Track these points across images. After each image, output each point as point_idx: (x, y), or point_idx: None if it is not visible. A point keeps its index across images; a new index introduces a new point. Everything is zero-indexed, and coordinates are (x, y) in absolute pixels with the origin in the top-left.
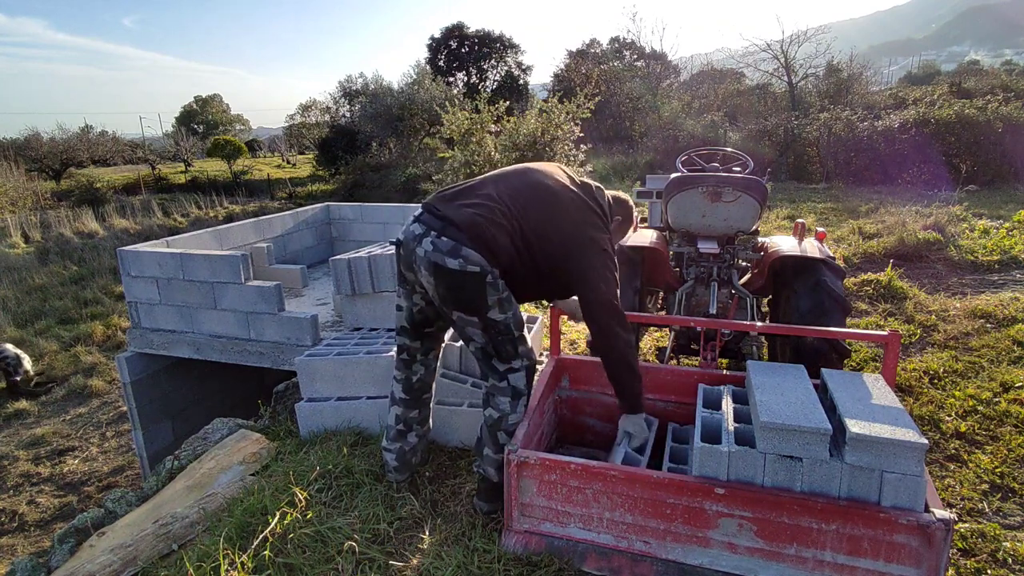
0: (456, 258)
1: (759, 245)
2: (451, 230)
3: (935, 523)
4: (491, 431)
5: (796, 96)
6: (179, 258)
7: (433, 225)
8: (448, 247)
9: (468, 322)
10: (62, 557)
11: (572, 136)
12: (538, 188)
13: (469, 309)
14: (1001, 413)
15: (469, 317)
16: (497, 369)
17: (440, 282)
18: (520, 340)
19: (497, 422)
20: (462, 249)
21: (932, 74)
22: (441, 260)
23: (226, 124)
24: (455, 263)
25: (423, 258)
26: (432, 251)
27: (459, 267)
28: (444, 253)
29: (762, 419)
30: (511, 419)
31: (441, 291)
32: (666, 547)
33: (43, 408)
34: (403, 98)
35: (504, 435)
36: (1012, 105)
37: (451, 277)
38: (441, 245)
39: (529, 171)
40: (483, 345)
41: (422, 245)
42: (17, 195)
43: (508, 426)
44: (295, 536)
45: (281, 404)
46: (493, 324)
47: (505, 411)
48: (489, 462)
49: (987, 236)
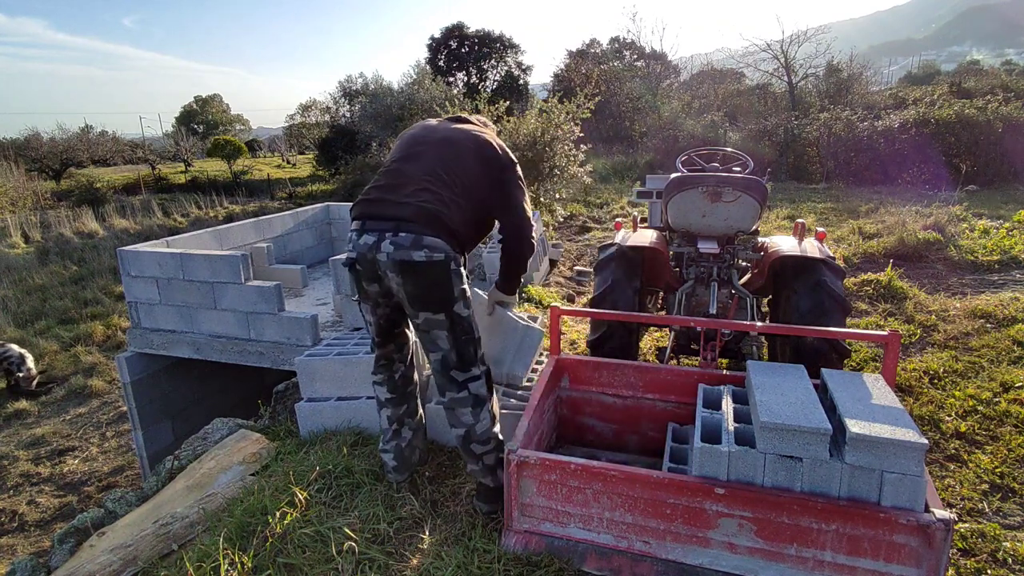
0: (420, 249)
1: (759, 245)
2: (405, 225)
3: (935, 523)
4: (465, 447)
5: (796, 96)
6: (179, 258)
7: (385, 228)
8: (409, 241)
9: (434, 323)
10: (62, 557)
11: (572, 136)
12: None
13: (437, 305)
14: (1001, 413)
15: (436, 316)
16: (456, 380)
17: (408, 279)
18: (479, 343)
19: (466, 438)
20: (424, 239)
21: (932, 74)
22: (407, 256)
23: (226, 124)
24: (420, 255)
25: (387, 262)
26: (394, 251)
27: (425, 258)
28: (408, 248)
29: (762, 419)
30: (478, 429)
31: (409, 289)
32: (666, 547)
33: (43, 408)
34: (403, 98)
35: (479, 445)
36: (1012, 105)
37: (418, 271)
38: (402, 241)
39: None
40: (446, 352)
41: (381, 250)
42: (17, 195)
43: (478, 436)
44: (295, 536)
45: (281, 404)
46: (459, 321)
47: (469, 423)
48: (478, 475)
49: (987, 236)
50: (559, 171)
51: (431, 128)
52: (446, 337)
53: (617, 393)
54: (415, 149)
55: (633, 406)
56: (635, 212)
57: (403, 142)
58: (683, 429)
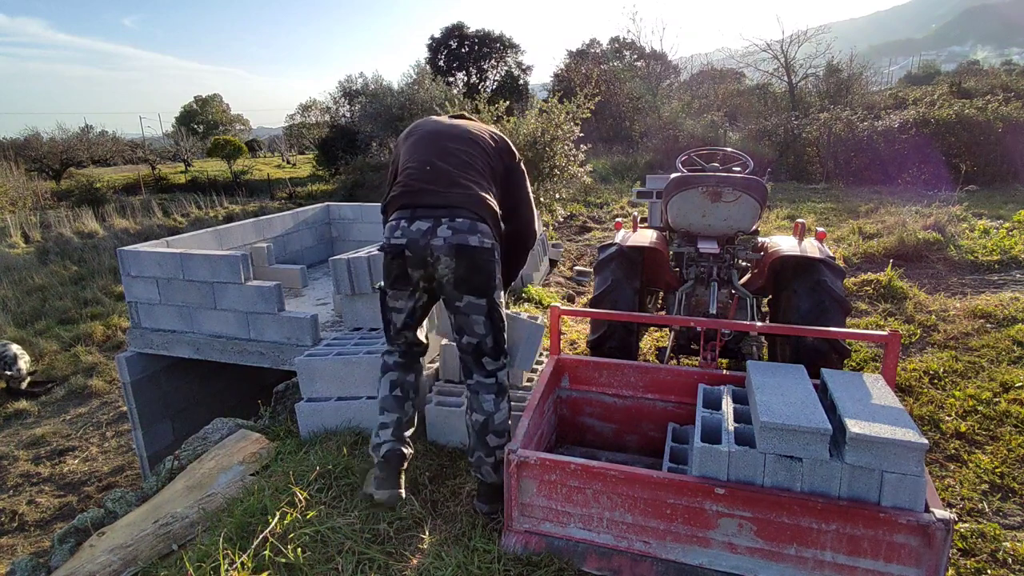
0: (475, 234)
1: (759, 245)
2: (460, 211)
3: (935, 523)
4: (480, 435)
5: (796, 96)
6: (179, 258)
7: (438, 215)
8: (467, 226)
9: (475, 307)
10: (62, 557)
11: (572, 136)
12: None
13: (481, 290)
14: (1001, 413)
15: (478, 300)
16: (486, 367)
17: (462, 263)
18: (505, 334)
19: (484, 425)
20: (478, 225)
21: (932, 74)
22: (464, 240)
23: (226, 124)
24: (475, 240)
25: (443, 246)
26: (452, 235)
27: (479, 243)
28: (465, 232)
29: (762, 419)
30: (497, 419)
31: (461, 272)
32: (666, 547)
33: (43, 408)
34: (403, 98)
35: (494, 437)
36: (1012, 105)
37: (473, 254)
38: (460, 226)
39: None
40: (482, 337)
41: (437, 235)
42: (17, 195)
43: (496, 427)
44: (295, 536)
45: (281, 404)
46: (495, 308)
47: (490, 411)
48: (483, 464)
49: (987, 236)
50: (559, 171)
51: (446, 124)
52: (484, 322)
53: (617, 393)
54: (441, 144)
55: (633, 406)
56: (635, 212)
57: (422, 139)
58: (683, 429)
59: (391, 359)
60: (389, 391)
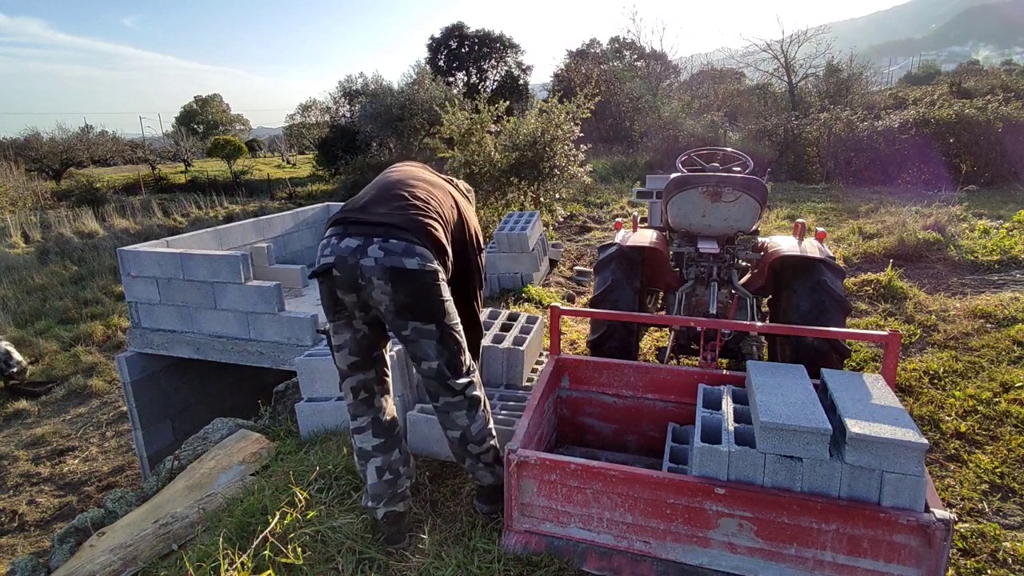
0: (412, 257)
1: (759, 245)
2: (397, 231)
3: (935, 523)
4: (462, 449)
5: (796, 96)
6: (179, 258)
7: (373, 233)
8: (402, 248)
9: (424, 333)
10: (62, 557)
11: (572, 136)
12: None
13: (427, 315)
14: (1001, 413)
15: (426, 326)
16: (452, 388)
17: (399, 288)
18: (465, 350)
19: (462, 439)
20: (415, 248)
21: (932, 74)
22: (399, 263)
23: (226, 124)
24: (413, 263)
25: (374, 267)
26: (384, 256)
27: (418, 266)
28: (400, 255)
29: (762, 419)
30: (473, 430)
31: (400, 298)
32: (666, 547)
33: (43, 408)
34: (403, 98)
35: (475, 446)
36: (1012, 105)
37: (412, 279)
38: (393, 248)
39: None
40: (436, 362)
41: (368, 255)
42: (17, 195)
43: (474, 437)
44: (295, 536)
45: (281, 404)
46: (449, 331)
47: (464, 425)
48: (476, 470)
49: (987, 236)
50: (559, 171)
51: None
52: (435, 347)
53: (617, 393)
54: (396, 176)
55: (633, 406)
56: (635, 212)
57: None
58: (683, 429)
59: (367, 442)
60: (378, 478)
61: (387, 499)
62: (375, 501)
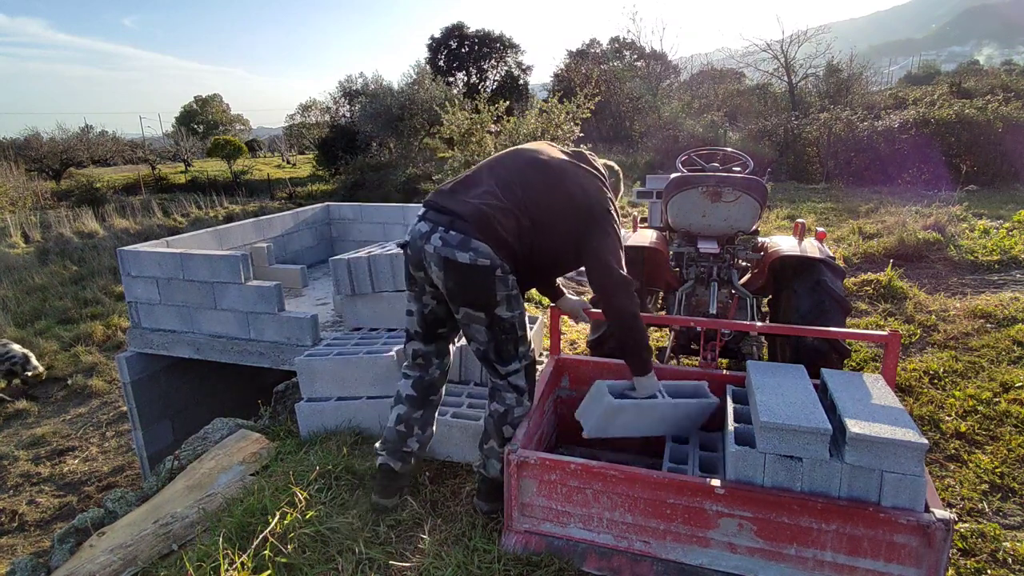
0: (466, 251)
1: (759, 245)
2: (459, 223)
3: (935, 523)
4: (497, 425)
5: (796, 96)
6: (179, 258)
7: (440, 221)
8: (457, 240)
9: (474, 319)
10: (62, 557)
11: (572, 136)
12: (537, 165)
13: (477, 304)
14: (1001, 413)
15: (476, 313)
16: (498, 371)
17: (450, 277)
18: (522, 340)
19: (503, 416)
20: (471, 242)
21: (932, 74)
22: (451, 254)
23: (226, 124)
24: (466, 256)
25: (432, 254)
26: (441, 246)
27: (470, 260)
28: (454, 247)
29: (762, 419)
30: (516, 412)
31: (451, 286)
32: (666, 547)
33: (43, 408)
34: (403, 98)
35: (510, 428)
36: (1012, 105)
37: (461, 271)
38: (450, 239)
39: (521, 151)
40: (484, 346)
41: (430, 242)
42: (17, 195)
43: (514, 419)
44: (295, 536)
45: (281, 404)
46: (499, 321)
47: (511, 404)
48: (494, 455)
49: (987, 236)
50: None
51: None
52: (484, 332)
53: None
54: (504, 160)
55: None
56: (635, 212)
57: (500, 153)
58: None
59: (404, 389)
60: (394, 423)
61: (390, 450)
62: (382, 445)
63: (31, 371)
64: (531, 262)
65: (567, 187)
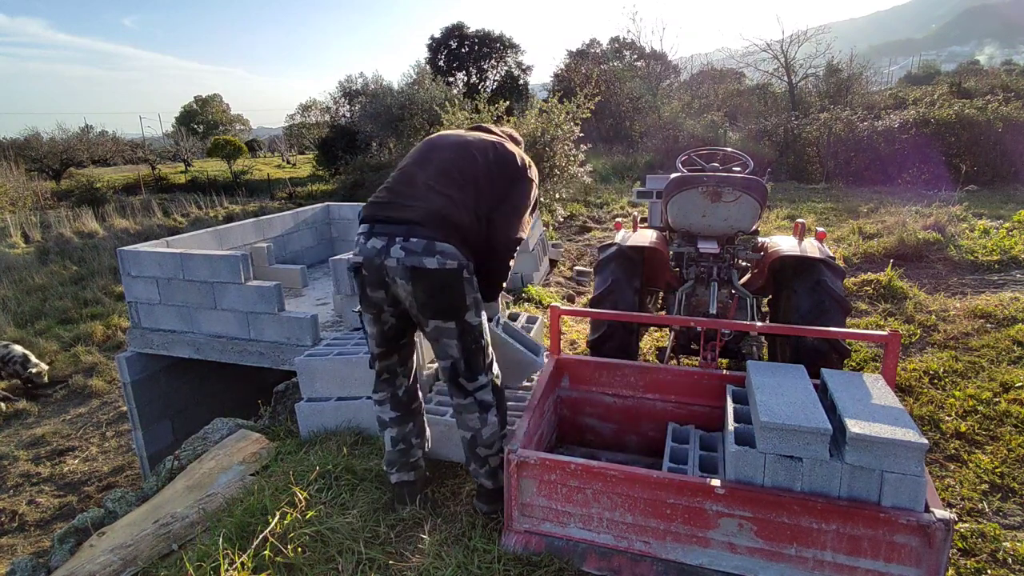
0: (432, 256)
1: (759, 245)
2: (417, 229)
3: (935, 523)
4: (470, 450)
5: (796, 96)
6: (179, 258)
7: (395, 232)
8: (422, 246)
9: (444, 331)
10: (62, 557)
11: (572, 136)
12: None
13: (447, 313)
14: (1001, 413)
15: (446, 324)
16: (463, 388)
17: (419, 286)
18: (487, 349)
19: (472, 441)
20: (436, 245)
21: (932, 74)
22: (418, 262)
23: (226, 124)
24: (433, 262)
25: (396, 267)
26: (405, 256)
27: (438, 265)
28: (420, 254)
29: (762, 419)
30: (484, 433)
31: (420, 297)
32: (666, 547)
33: (43, 408)
34: (403, 98)
35: (483, 449)
36: (1012, 105)
37: (431, 278)
38: (414, 247)
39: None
40: (455, 360)
41: (391, 255)
42: (17, 195)
43: (483, 441)
44: (295, 536)
45: (281, 404)
46: (469, 330)
47: (476, 427)
48: (480, 476)
49: (987, 236)
50: (559, 171)
51: (448, 134)
52: (455, 345)
53: (617, 393)
54: (428, 154)
55: (633, 406)
56: (635, 212)
57: (418, 147)
58: (683, 429)
59: (384, 414)
60: (392, 446)
61: (399, 466)
62: (389, 467)
63: (32, 368)
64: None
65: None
